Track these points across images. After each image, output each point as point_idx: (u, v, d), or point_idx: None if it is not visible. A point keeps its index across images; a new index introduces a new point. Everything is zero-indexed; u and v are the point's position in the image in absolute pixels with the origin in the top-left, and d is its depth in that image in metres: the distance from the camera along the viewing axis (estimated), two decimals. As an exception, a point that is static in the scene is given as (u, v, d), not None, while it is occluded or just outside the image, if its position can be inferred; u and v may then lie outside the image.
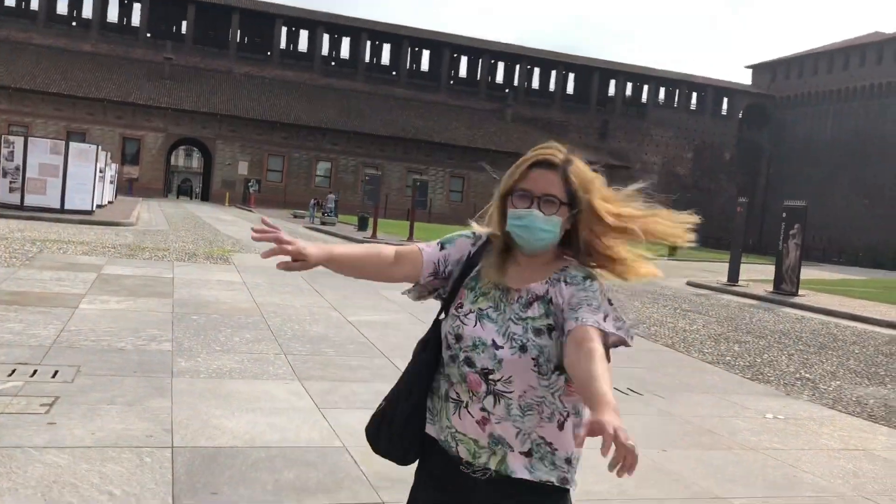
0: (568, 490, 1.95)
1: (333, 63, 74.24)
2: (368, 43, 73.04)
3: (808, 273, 36.35)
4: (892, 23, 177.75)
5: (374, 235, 28.66)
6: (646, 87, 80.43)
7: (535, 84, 78.84)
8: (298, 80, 69.74)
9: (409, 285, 2.10)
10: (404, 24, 74.51)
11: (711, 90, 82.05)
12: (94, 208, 24.48)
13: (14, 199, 23.20)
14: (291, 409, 5.62)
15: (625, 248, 1.96)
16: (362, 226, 34.96)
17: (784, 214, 20.04)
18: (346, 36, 74.01)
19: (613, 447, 1.44)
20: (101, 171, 28.41)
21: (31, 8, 64.37)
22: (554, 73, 77.87)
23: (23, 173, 22.96)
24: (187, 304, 9.72)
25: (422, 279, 2.06)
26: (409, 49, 73.98)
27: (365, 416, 5.37)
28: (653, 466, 5.11)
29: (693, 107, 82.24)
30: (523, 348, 1.87)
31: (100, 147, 25.77)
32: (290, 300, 10.91)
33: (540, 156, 1.93)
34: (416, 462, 2.10)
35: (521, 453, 1.90)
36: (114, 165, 39.23)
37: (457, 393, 1.95)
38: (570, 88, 79.64)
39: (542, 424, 1.90)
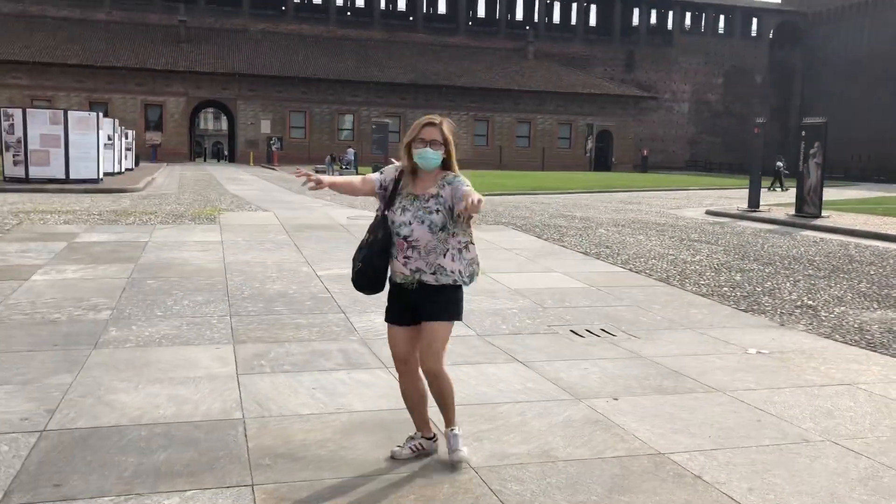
0: (460, 286, 3.71)
1: (349, 13, 72.95)
2: (383, -11, 71.49)
3: (843, 193, 34.98)
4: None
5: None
6: (671, 14, 77.77)
7: (556, 19, 76.71)
8: (315, 33, 68.68)
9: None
10: (418, -33, 72.53)
11: (739, 11, 79.03)
12: (100, 177, 24.16)
13: (19, 172, 22.90)
14: (206, 378, 5.15)
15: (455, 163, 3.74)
16: (379, 176, 34.36)
17: (803, 133, 18.81)
18: (360, -16, 72.56)
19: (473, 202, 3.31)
20: (108, 139, 28.15)
21: (44, -20, 63.88)
22: (575, 5, 75.60)
23: (24, 146, 22.60)
24: (149, 268, 9.30)
25: (376, 193, 3.74)
26: (425, -8, 72.29)
27: (288, 380, 6.04)
28: (592, 419, 4.54)
29: (721, 30, 79.44)
30: (422, 222, 3.59)
31: (100, 114, 25.29)
32: (263, 257, 10.44)
33: (427, 120, 3.64)
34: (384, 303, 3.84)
35: (430, 274, 3.63)
36: (129, 132, 38.95)
37: (395, 252, 3.68)
38: (592, 20, 77.37)
39: (437, 259, 3.62)
